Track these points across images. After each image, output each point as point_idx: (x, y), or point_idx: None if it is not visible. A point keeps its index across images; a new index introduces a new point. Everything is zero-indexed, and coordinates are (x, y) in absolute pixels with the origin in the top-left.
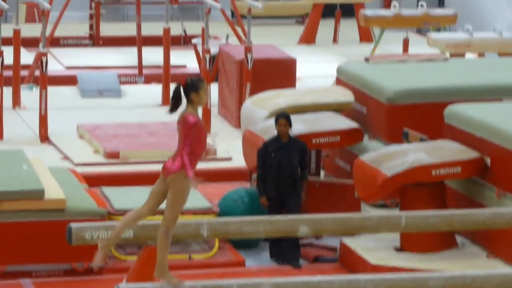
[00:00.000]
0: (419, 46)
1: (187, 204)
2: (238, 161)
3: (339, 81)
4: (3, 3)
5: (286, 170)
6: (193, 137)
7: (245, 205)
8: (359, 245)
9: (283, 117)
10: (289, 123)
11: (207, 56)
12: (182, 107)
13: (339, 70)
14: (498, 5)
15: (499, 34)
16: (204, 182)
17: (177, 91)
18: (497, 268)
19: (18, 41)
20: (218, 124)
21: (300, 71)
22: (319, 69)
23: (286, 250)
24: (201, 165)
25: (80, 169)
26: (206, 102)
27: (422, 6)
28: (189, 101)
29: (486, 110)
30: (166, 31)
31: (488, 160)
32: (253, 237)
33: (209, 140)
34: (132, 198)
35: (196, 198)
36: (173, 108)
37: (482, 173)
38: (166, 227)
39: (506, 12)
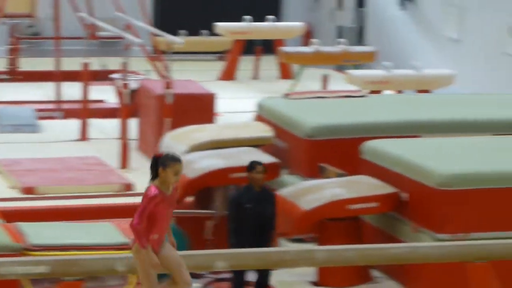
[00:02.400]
0: (338, 83)
1: (102, 240)
2: None
3: (259, 117)
4: None
5: (262, 222)
6: (150, 211)
7: None
8: (276, 279)
9: (259, 164)
10: (265, 170)
11: (127, 91)
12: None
13: (259, 106)
14: (416, 42)
15: (417, 71)
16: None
17: (152, 162)
18: None
19: None
20: (137, 159)
21: (220, 106)
22: (239, 105)
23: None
24: (118, 200)
25: None
26: (174, 183)
27: (341, 43)
28: (157, 175)
29: (402, 146)
30: (85, 66)
31: (404, 195)
32: None
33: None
34: (49, 233)
35: (112, 233)
36: (152, 177)
37: (398, 208)
38: None
39: (424, 49)
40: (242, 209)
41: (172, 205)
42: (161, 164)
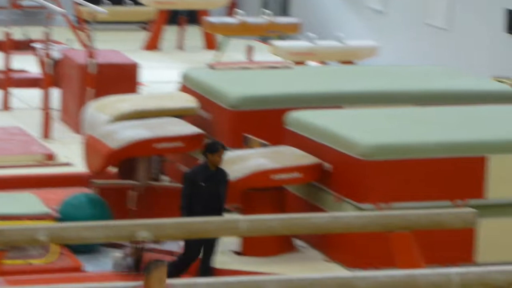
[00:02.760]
0: (263, 54)
1: (24, 210)
2: (79, 166)
3: (183, 87)
4: None
5: (215, 201)
6: None
7: (85, 211)
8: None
9: (224, 147)
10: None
11: (49, 61)
12: None
13: (184, 76)
14: (341, 14)
15: (341, 42)
16: None
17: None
18: (334, 271)
19: None
20: (59, 129)
21: (145, 76)
22: (163, 75)
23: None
24: (41, 171)
25: None
26: None
27: (266, 14)
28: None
29: (326, 117)
30: (7, 35)
31: (327, 166)
32: (92, 242)
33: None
34: None
35: (35, 203)
36: (133, 269)
37: (321, 178)
38: None
39: (348, 20)
40: (196, 187)
41: None
42: (145, 272)
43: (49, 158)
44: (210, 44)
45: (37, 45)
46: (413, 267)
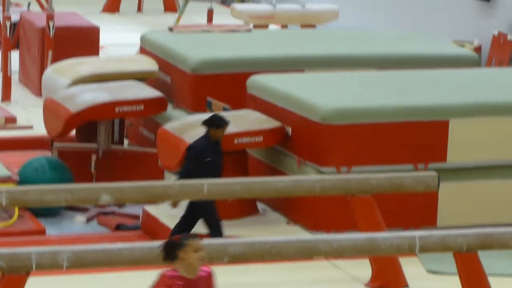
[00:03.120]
0: (223, 17)
1: None
2: (39, 129)
3: (143, 50)
4: None
5: (216, 174)
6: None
7: (46, 174)
8: (162, 212)
9: (227, 124)
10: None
11: (8, 24)
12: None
13: (143, 39)
14: None
15: (301, 6)
16: None
17: (166, 246)
18: (296, 234)
19: None
20: (19, 92)
21: (104, 39)
22: (123, 38)
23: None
24: (2, 134)
25: None
26: (199, 261)
27: None
28: (177, 259)
29: (287, 81)
30: None
31: (289, 129)
32: (54, 205)
33: None
34: None
35: None
36: (165, 259)
37: (283, 142)
38: None
39: None
40: (200, 163)
41: None
42: (178, 247)
43: (11, 121)
44: (170, 6)
45: None
46: (375, 231)
